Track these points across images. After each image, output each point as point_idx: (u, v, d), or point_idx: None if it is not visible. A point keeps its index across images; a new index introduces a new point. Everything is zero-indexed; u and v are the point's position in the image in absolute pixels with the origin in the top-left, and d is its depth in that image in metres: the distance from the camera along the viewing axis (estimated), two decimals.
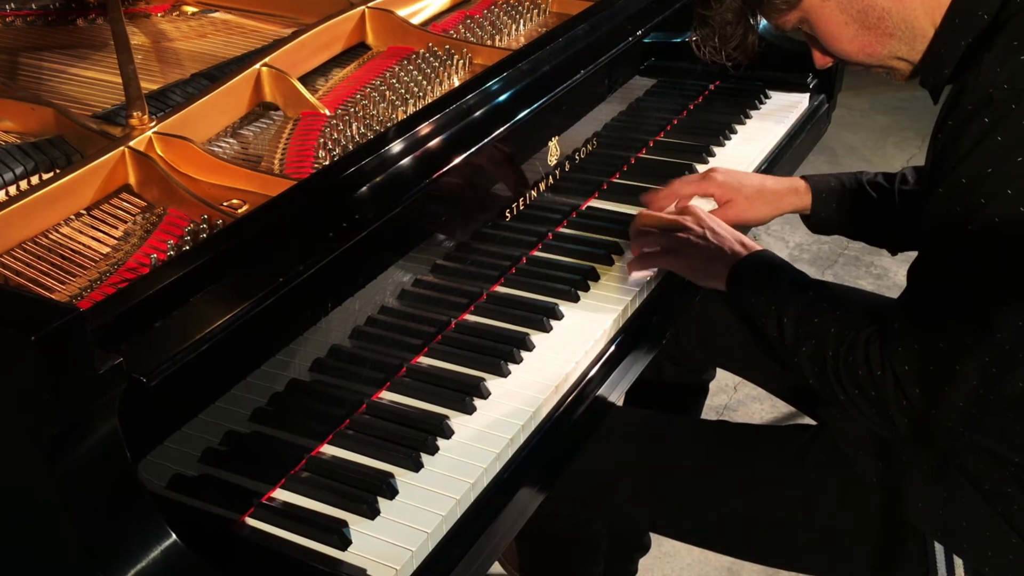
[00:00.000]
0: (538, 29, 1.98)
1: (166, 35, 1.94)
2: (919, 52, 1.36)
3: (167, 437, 1.10)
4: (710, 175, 1.79)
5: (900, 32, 1.34)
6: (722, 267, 1.54)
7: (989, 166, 1.20)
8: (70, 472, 0.97)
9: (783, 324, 1.43)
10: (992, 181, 1.19)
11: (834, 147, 4.42)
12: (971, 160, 1.21)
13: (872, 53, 1.38)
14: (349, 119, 1.59)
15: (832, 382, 1.36)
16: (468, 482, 1.25)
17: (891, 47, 1.36)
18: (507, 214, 1.63)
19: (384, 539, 1.18)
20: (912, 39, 1.35)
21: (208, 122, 1.57)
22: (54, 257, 1.30)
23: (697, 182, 1.79)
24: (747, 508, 1.55)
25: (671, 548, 2.46)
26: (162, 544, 1.02)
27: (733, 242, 1.56)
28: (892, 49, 1.37)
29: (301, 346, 1.26)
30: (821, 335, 1.38)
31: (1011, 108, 1.18)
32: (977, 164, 1.20)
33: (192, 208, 1.36)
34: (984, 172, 1.20)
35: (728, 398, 2.96)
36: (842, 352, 1.35)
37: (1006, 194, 1.19)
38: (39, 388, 0.92)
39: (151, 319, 1.10)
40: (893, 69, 1.41)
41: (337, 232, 1.27)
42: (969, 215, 1.21)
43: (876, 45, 1.37)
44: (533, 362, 1.47)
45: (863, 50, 1.38)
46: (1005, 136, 1.18)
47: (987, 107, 1.19)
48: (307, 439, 1.31)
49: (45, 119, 1.54)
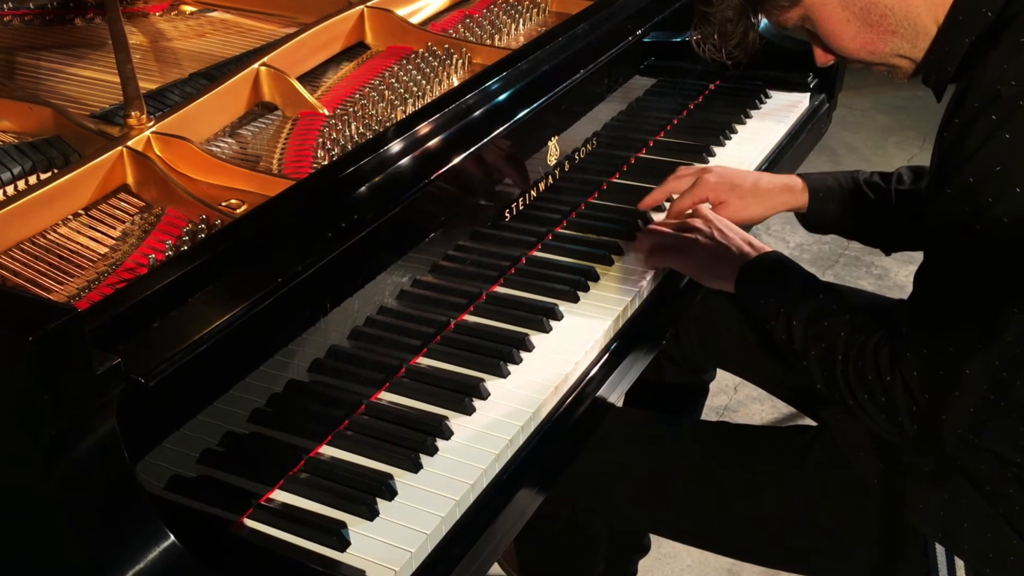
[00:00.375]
0: (537, 28, 1.99)
1: (164, 34, 1.94)
2: (922, 50, 1.35)
3: (165, 438, 1.11)
4: (702, 179, 1.76)
5: (903, 30, 1.34)
6: (730, 268, 1.54)
7: (997, 164, 1.19)
8: (68, 473, 0.97)
9: (792, 327, 1.43)
10: (1000, 180, 1.19)
11: (835, 147, 4.42)
12: (978, 159, 1.20)
13: (874, 51, 1.37)
14: (348, 119, 1.59)
15: (841, 386, 1.36)
16: (467, 483, 1.25)
17: (893, 45, 1.36)
18: (506, 214, 1.63)
19: (383, 540, 1.18)
20: (915, 37, 1.34)
21: (206, 122, 1.57)
22: (52, 257, 1.30)
23: (691, 193, 1.75)
24: (747, 509, 1.55)
25: (671, 549, 2.46)
26: (161, 545, 1.02)
27: (741, 243, 1.56)
28: (894, 47, 1.36)
29: (300, 347, 1.26)
30: (831, 339, 1.38)
31: (1019, 105, 1.17)
32: (985, 163, 1.19)
33: (190, 208, 1.36)
34: (992, 171, 1.19)
35: (728, 399, 2.96)
36: (852, 356, 1.34)
37: (1015, 192, 1.18)
38: (37, 389, 0.92)
39: (149, 320, 1.10)
40: (895, 67, 1.41)
41: (336, 232, 1.28)
42: (977, 215, 1.20)
43: (878, 43, 1.36)
44: (532, 363, 1.47)
45: (865, 48, 1.37)
46: (1013, 134, 1.18)
47: (994, 104, 1.18)
48: (306, 440, 1.31)
49: (43, 119, 1.54)
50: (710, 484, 1.58)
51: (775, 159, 2.11)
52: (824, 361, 1.38)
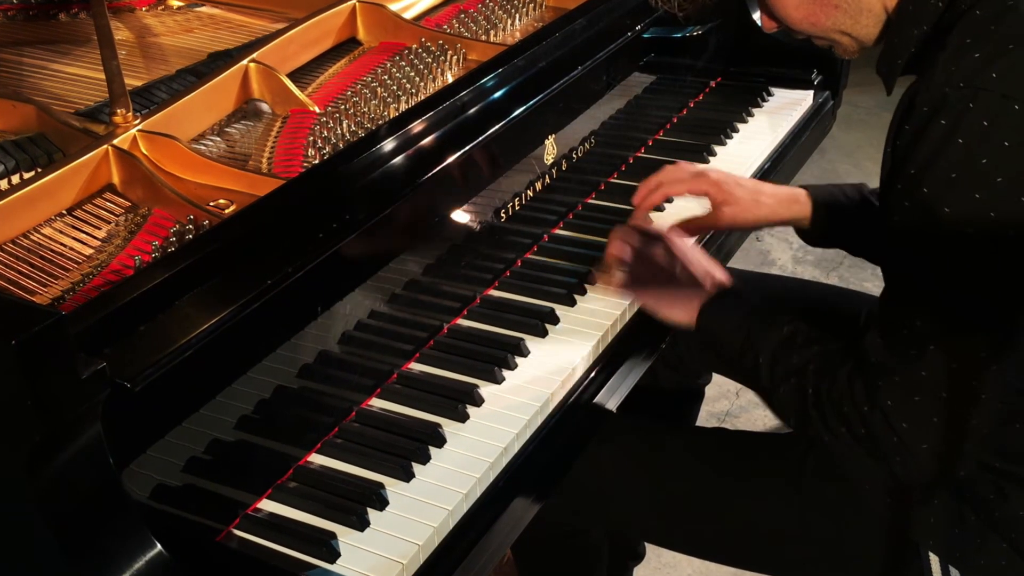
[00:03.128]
0: (534, 24, 1.99)
1: (151, 30, 1.94)
2: (864, 27, 1.37)
3: (150, 445, 1.11)
4: (704, 172, 1.72)
5: (846, 4, 1.36)
6: (687, 308, 1.50)
7: (953, 172, 1.18)
8: (52, 481, 0.97)
9: (759, 365, 1.41)
10: (957, 188, 1.18)
11: (839, 146, 4.43)
12: (933, 167, 1.19)
13: (815, 23, 1.39)
14: (339, 117, 1.59)
15: (815, 421, 1.35)
16: (461, 492, 1.26)
17: (835, 19, 1.38)
18: (502, 215, 1.64)
19: (374, 551, 1.18)
20: (857, 13, 1.36)
21: (194, 120, 1.57)
22: (35, 259, 1.30)
23: (690, 180, 1.70)
24: (744, 518, 1.56)
25: (672, 559, 2.46)
26: (147, 555, 1.02)
27: (703, 274, 1.52)
28: (836, 22, 1.38)
29: (289, 351, 1.26)
30: (800, 373, 1.36)
31: (968, 108, 1.17)
32: (940, 171, 1.18)
33: (177, 208, 1.37)
34: (948, 178, 1.18)
35: (730, 404, 2.96)
36: (824, 390, 1.33)
37: (974, 199, 1.17)
38: (20, 394, 0.92)
39: (135, 323, 1.10)
40: (836, 43, 1.42)
41: (327, 233, 1.28)
42: (933, 225, 1.19)
43: (820, 15, 1.38)
44: (528, 368, 1.47)
45: (807, 19, 1.39)
46: (966, 138, 1.17)
47: (943, 109, 1.18)
48: (294, 448, 1.31)
49: (26, 117, 1.54)
50: (707, 492, 1.59)
51: (778, 158, 2.12)
52: (795, 396, 1.37)
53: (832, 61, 2.33)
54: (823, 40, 1.43)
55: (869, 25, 1.37)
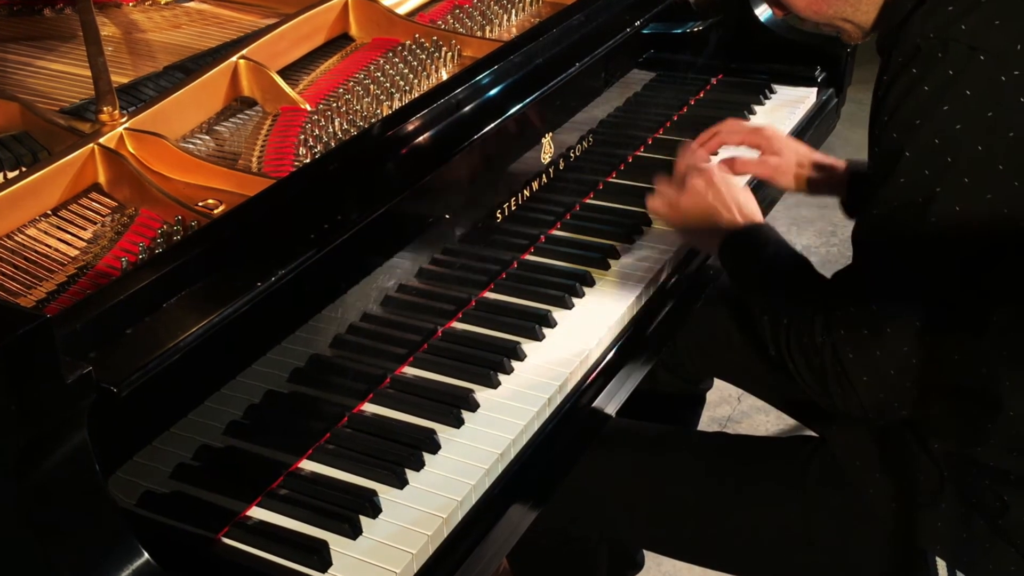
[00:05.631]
0: (531, 19, 1.99)
1: (138, 26, 1.94)
2: (864, 13, 1.44)
3: (138, 451, 1.11)
4: (761, 128, 1.87)
5: None
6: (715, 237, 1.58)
7: (917, 118, 1.25)
8: (37, 487, 0.97)
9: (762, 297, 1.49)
10: (920, 133, 1.25)
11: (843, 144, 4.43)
12: (900, 114, 1.27)
13: (819, 11, 1.47)
14: (331, 114, 1.60)
15: (783, 351, 1.41)
16: (456, 499, 1.26)
17: (837, 7, 1.45)
18: (497, 215, 1.64)
19: (367, 560, 1.18)
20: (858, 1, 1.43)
21: (182, 118, 1.57)
22: (19, 260, 1.30)
23: (746, 131, 1.87)
24: (747, 524, 1.56)
25: (672, 568, 2.47)
26: (134, 564, 1.02)
27: (733, 209, 1.58)
28: (839, 10, 1.45)
29: (279, 355, 1.26)
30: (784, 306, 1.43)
31: (937, 57, 1.24)
32: (906, 117, 1.26)
33: (165, 209, 1.37)
34: (912, 124, 1.25)
35: (732, 409, 2.97)
36: (794, 322, 1.40)
37: (933, 144, 1.24)
38: (3, 399, 0.92)
39: (122, 326, 1.10)
40: (842, 30, 1.50)
41: (318, 234, 1.28)
42: (897, 172, 1.27)
43: (823, 3, 1.46)
44: (524, 372, 1.47)
45: (811, 7, 1.47)
46: (931, 86, 1.24)
47: (915, 58, 1.26)
48: (285, 454, 1.31)
49: (10, 114, 1.54)
50: (708, 498, 1.59)
51: None
52: (773, 325, 1.43)
53: (836, 58, 2.34)
54: (829, 27, 1.50)
55: (870, 11, 1.44)
